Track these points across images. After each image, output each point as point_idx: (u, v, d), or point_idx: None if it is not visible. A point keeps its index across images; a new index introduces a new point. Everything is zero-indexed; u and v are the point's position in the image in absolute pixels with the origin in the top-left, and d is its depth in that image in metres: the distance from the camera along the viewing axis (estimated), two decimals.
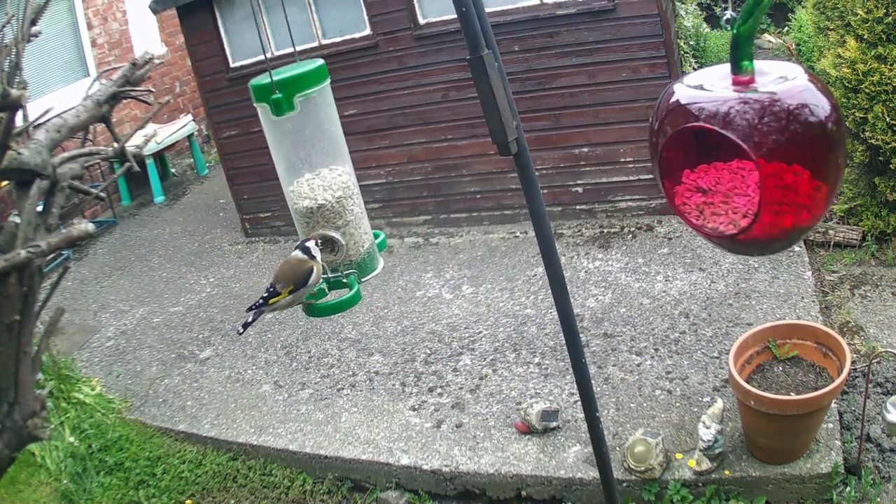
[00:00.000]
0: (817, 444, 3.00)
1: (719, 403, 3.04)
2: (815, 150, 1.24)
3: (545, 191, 5.30)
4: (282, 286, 1.65)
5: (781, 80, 1.26)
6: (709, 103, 1.28)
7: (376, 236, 1.88)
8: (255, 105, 1.64)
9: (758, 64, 1.30)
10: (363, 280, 1.75)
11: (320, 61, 1.69)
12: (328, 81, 1.70)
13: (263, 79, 1.61)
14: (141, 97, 1.70)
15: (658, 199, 5.03)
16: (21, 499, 3.62)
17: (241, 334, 4.84)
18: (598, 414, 2.06)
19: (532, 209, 1.84)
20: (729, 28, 6.59)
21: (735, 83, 1.29)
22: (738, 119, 1.23)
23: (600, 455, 2.10)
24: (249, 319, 1.69)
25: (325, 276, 1.74)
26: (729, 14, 7.47)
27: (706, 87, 1.30)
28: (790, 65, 1.32)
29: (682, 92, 1.33)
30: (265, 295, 1.67)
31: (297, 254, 1.67)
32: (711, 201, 1.35)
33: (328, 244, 1.71)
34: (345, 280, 1.73)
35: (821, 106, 1.23)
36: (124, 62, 1.71)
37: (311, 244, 1.67)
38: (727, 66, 1.31)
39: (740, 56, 1.28)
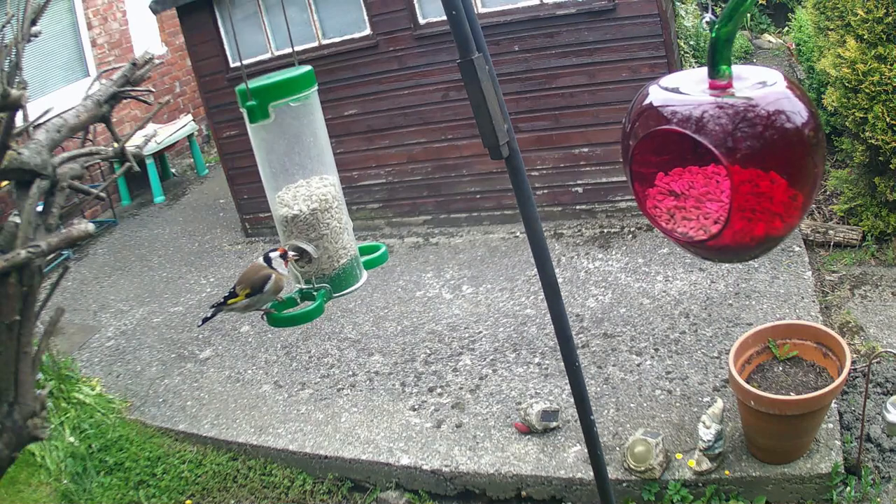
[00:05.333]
0: (817, 444, 3.00)
1: (719, 403, 3.04)
2: (792, 158, 1.20)
3: (545, 191, 5.30)
4: (240, 288, 1.70)
5: (759, 85, 1.23)
6: (682, 107, 1.24)
7: (376, 249, 1.84)
8: (240, 109, 1.63)
9: (736, 68, 1.26)
10: (335, 296, 1.72)
11: (307, 68, 1.65)
12: (314, 89, 1.65)
13: (252, 83, 1.59)
14: (141, 97, 1.70)
15: None
16: (21, 499, 3.62)
17: (199, 327, 4.79)
18: (592, 417, 2.05)
19: (524, 212, 1.82)
20: (708, 30, 6.55)
21: (712, 87, 1.25)
22: (712, 124, 1.18)
23: (595, 458, 2.09)
24: (209, 315, 1.77)
25: (299, 286, 1.74)
26: (709, 16, 7.44)
27: (681, 90, 1.26)
28: (769, 70, 1.28)
29: (657, 94, 1.29)
30: (226, 295, 1.72)
31: (260, 260, 1.70)
32: (683, 205, 1.31)
33: (304, 255, 1.69)
34: (314, 293, 1.70)
35: (798, 113, 1.19)
36: (124, 62, 1.71)
37: (274, 255, 1.68)
38: (704, 70, 1.27)
39: (718, 59, 1.24)
